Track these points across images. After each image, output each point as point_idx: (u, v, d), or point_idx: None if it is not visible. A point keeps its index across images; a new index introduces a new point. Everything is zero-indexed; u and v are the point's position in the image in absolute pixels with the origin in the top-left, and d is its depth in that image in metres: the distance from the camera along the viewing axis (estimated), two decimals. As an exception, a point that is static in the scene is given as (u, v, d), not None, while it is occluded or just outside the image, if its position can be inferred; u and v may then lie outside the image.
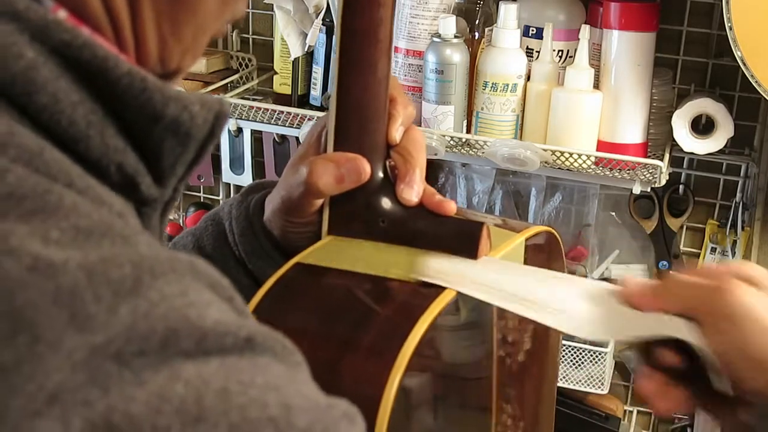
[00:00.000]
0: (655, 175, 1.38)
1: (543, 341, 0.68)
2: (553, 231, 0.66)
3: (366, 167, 0.61)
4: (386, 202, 0.62)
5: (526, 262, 0.63)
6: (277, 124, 1.58)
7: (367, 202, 0.62)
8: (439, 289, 0.54)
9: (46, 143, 0.40)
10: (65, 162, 0.40)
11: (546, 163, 1.40)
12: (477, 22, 1.44)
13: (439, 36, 1.40)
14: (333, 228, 0.63)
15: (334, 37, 0.64)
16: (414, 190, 0.62)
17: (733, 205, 1.55)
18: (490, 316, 0.65)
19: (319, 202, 0.63)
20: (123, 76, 0.42)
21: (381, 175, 0.62)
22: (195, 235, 0.71)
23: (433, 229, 0.61)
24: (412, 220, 0.61)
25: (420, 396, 0.58)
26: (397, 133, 0.63)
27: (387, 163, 0.62)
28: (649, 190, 1.44)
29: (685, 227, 1.62)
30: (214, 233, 0.70)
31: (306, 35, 1.53)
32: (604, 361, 1.57)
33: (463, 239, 0.59)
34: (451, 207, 0.62)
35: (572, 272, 1.66)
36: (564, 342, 1.58)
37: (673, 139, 1.43)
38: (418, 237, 0.60)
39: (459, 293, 0.55)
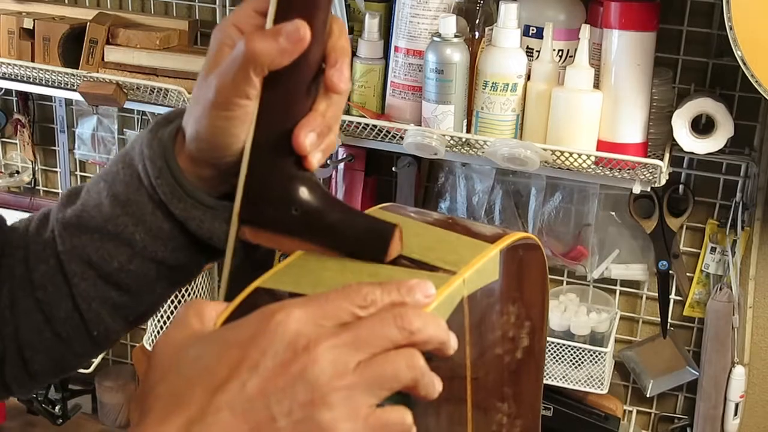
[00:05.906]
0: (655, 175, 1.37)
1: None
2: (532, 237, 0.63)
3: (306, 32, 0.57)
4: (302, 191, 0.59)
5: (505, 271, 0.60)
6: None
7: (282, 187, 0.60)
8: None
9: None
10: None
11: (546, 162, 1.40)
12: (477, 21, 1.44)
13: (439, 35, 1.40)
14: (245, 212, 0.60)
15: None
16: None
17: (733, 205, 1.55)
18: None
19: (258, 83, 0.59)
20: None
21: (299, 166, 0.60)
22: (107, 182, 0.67)
23: (345, 224, 0.58)
24: (325, 213, 0.59)
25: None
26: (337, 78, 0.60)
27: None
28: (649, 189, 1.44)
29: (685, 227, 1.62)
30: (127, 178, 0.66)
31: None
32: (604, 361, 1.57)
33: (374, 238, 0.57)
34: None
35: (572, 272, 1.66)
36: (564, 342, 1.58)
37: (673, 139, 1.43)
38: (329, 231, 0.58)
39: None
